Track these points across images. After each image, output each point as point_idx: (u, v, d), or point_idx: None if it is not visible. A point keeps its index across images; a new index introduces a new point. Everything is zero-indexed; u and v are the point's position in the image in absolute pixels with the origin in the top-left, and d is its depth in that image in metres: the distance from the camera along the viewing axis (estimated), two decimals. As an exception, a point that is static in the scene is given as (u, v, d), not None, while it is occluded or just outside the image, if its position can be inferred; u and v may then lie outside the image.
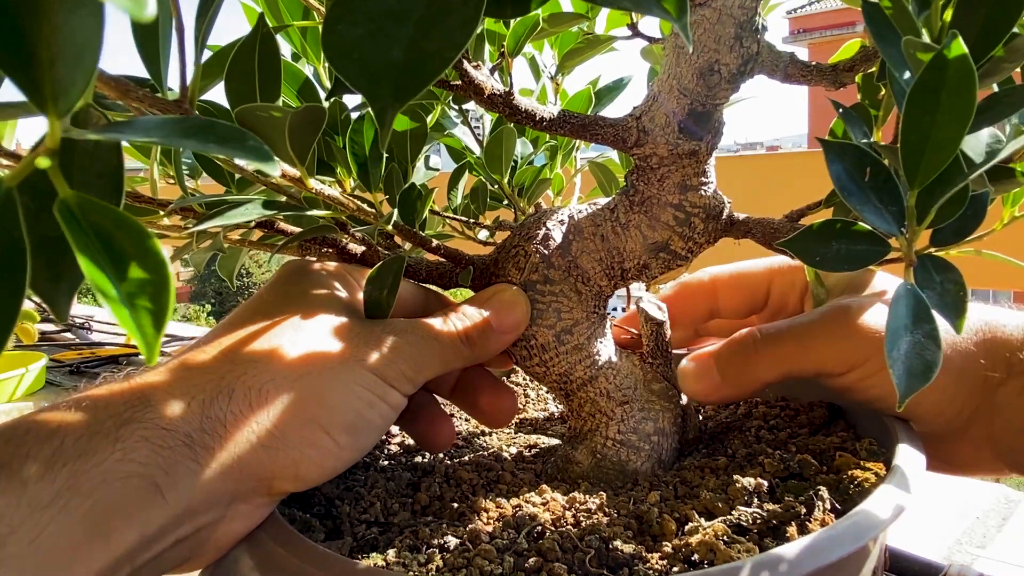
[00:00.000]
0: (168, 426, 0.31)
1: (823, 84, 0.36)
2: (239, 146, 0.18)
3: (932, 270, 0.29)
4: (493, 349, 0.41)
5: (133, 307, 0.16)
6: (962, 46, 0.23)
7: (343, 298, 0.39)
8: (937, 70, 0.24)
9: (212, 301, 17.13)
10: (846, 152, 0.29)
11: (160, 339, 0.16)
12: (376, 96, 0.19)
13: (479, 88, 0.35)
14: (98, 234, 0.17)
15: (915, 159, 0.26)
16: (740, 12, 0.34)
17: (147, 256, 0.17)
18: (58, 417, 0.30)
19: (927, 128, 0.25)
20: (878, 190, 0.28)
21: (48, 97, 0.16)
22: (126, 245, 0.17)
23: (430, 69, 0.18)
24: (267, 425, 0.32)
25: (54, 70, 0.16)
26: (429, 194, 0.41)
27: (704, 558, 0.31)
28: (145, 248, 0.17)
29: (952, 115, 0.24)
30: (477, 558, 0.32)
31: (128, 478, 0.29)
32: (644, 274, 0.42)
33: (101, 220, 0.17)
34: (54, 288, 0.19)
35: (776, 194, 1.22)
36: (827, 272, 0.45)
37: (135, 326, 0.16)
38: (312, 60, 0.43)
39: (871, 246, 0.30)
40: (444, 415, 0.45)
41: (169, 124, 0.19)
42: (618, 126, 0.38)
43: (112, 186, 0.21)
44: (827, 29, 19.44)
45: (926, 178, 0.26)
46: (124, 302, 0.16)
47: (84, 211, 0.17)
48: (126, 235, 0.17)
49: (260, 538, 0.34)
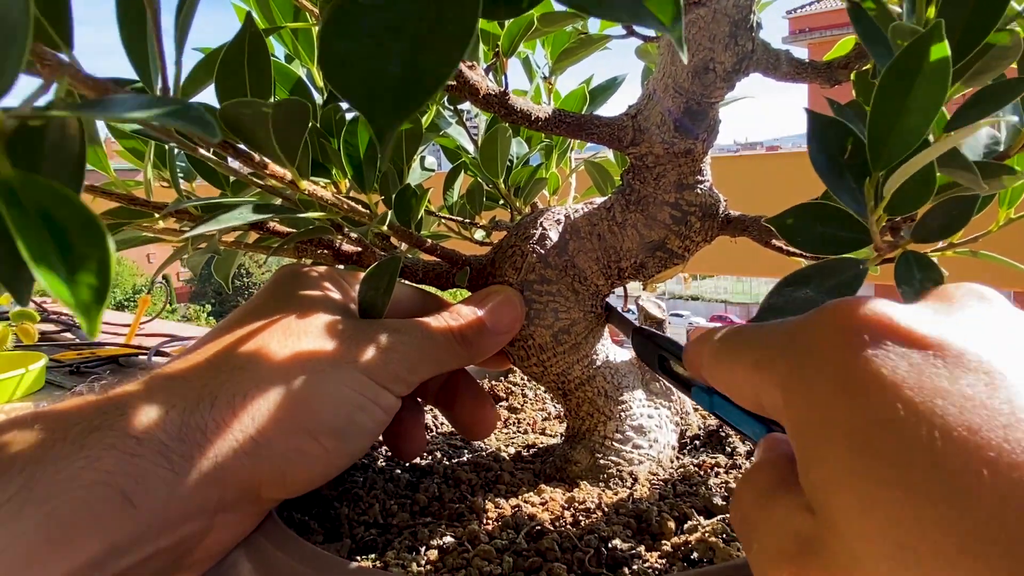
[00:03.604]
0: (140, 434, 0.30)
1: (818, 82, 0.36)
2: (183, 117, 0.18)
3: (914, 267, 0.28)
4: (488, 349, 0.40)
5: (74, 283, 0.16)
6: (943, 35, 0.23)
7: (336, 300, 0.39)
8: (915, 57, 0.24)
9: (212, 301, 17.15)
10: (829, 128, 0.29)
11: (101, 311, 0.16)
12: (375, 114, 0.19)
13: (474, 88, 0.35)
14: (40, 212, 0.17)
15: (882, 141, 0.26)
16: (735, 10, 0.34)
17: (89, 231, 0.17)
18: (21, 424, 0.29)
19: (895, 115, 0.25)
20: (854, 170, 0.28)
21: None
22: (68, 222, 0.17)
23: (427, 85, 0.18)
24: (251, 432, 0.32)
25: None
26: (424, 195, 0.41)
27: (703, 556, 0.31)
28: (87, 220, 0.17)
29: (923, 102, 0.24)
30: (476, 558, 0.32)
31: (92, 486, 0.28)
32: (641, 273, 0.42)
33: (43, 197, 0.17)
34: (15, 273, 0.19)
35: (776, 194, 1.22)
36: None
37: (73, 299, 0.16)
38: (305, 61, 0.43)
39: (854, 233, 0.29)
40: (419, 422, 0.44)
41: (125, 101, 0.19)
42: (614, 125, 0.38)
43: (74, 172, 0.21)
44: (827, 29, 19.43)
45: (888, 162, 0.26)
46: (64, 280, 0.16)
47: (26, 189, 0.17)
48: (68, 211, 0.17)
49: (258, 541, 0.34)
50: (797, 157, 1.41)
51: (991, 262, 0.39)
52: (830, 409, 0.20)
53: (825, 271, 0.29)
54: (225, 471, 0.31)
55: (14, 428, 0.29)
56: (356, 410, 0.34)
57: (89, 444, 0.29)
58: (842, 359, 0.21)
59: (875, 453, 0.19)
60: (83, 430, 0.29)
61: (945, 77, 0.24)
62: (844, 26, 0.32)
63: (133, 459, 0.29)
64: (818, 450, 0.20)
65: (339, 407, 0.34)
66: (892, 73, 0.24)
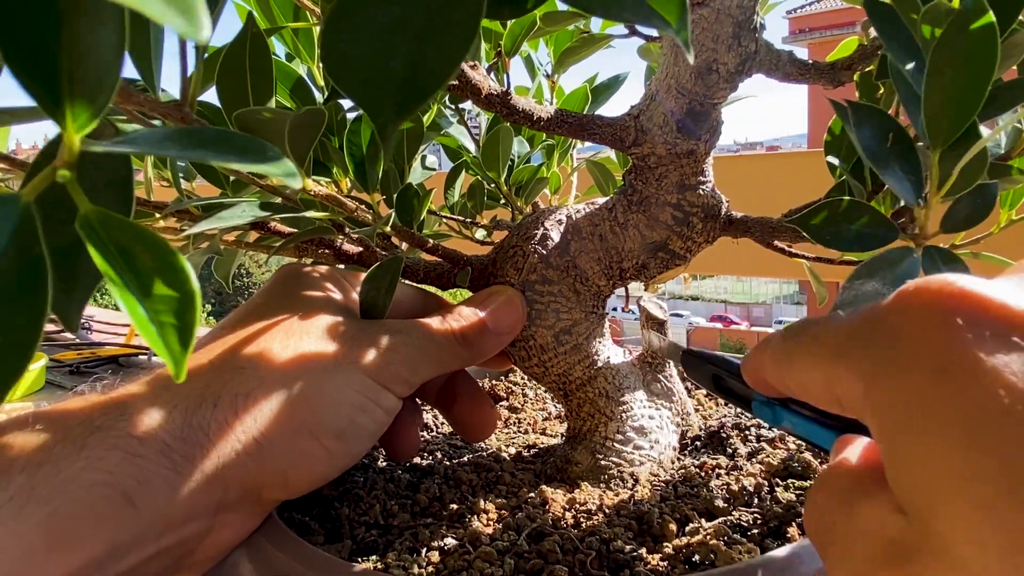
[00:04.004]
0: (142, 434, 0.30)
1: (821, 83, 0.36)
2: (260, 159, 0.18)
3: (938, 261, 0.28)
4: (490, 350, 0.40)
5: (159, 324, 0.16)
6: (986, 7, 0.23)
7: (337, 300, 0.38)
8: (958, 30, 0.23)
9: (212, 301, 17.13)
10: (872, 115, 0.29)
11: (188, 355, 0.16)
12: (377, 111, 0.19)
13: (476, 88, 0.35)
14: (120, 250, 0.16)
15: (938, 118, 0.25)
16: (738, 11, 0.34)
17: (170, 271, 0.16)
18: (22, 424, 0.29)
19: (949, 88, 0.24)
20: (900, 157, 0.28)
21: (67, 109, 0.16)
22: (148, 261, 0.16)
23: (430, 82, 0.18)
24: (253, 433, 0.31)
25: (73, 82, 0.16)
26: (427, 195, 0.41)
27: (705, 559, 0.31)
28: (168, 263, 0.16)
29: (974, 73, 0.24)
30: (478, 560, 0.32)
31: (93, 486, 0.28)
32: (643, 274, 0.42)
33: (122, 236, 0.16)
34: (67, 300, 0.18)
35: (776, 194, 1.22)
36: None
37: (162, 343, 0.16)
38: (305, 60, 0.43)
39: (884, 230, 0.29)
40: (415, 423, 0.43)
41: (184, 136, 0.19)
42: (616, 125, 0.38)
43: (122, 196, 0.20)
44: (827, 29, 19.44)
45: (950, 137, 0.25)
46: (150, 319, 0.16)
47: (106, 227, 0.16)
48: (148, 250, 0.16)
49: (259, 542, 0.33)
50: (797, 157, 1.41)
51: (993, 263, 0.38)
52: (926, 400, 0.18)
53: (887, 263, 0.28)
54: (227, 472, 0.31)
55: (15, 428, 0.29)
56: (358, 411, 0.34)
57: (91, 444, 0.29)
58: (936, 345, 0.18)
59: (986, 450, 0.17)
60: (85, 430, 0.29)
61: (994, 48, 0.23)
62: (844, 26, 0.32)
63: (135, 459, 0.29)
64: (914, 447, 0.18)
65: (341, 408, 0.34)
66: (943, 48, 0.24)
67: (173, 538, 0.30)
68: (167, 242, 0.17)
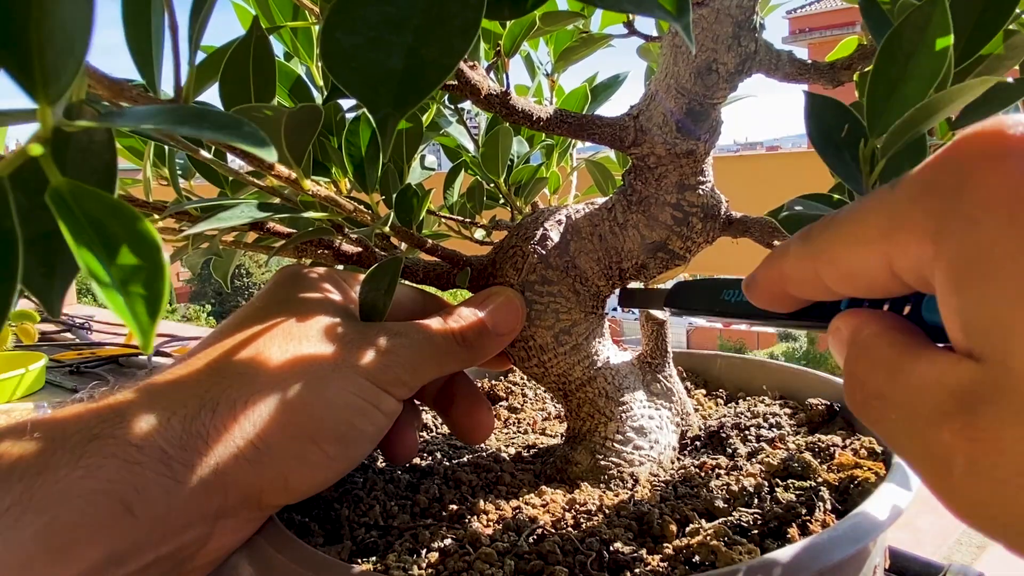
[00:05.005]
0: (141, 442, 0.29)
1: (821, 82, 0.36)
2: (235, 132, 0.18)
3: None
4: (489, 351, 0.40)
5: (127, 294, 0.16)
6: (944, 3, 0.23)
7: (336, 302, 0.38)
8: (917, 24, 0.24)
9: (212, 301, 17.13)
10: (828, 107, 0.29)
11: (155, 326, 0.16)
12: (377, 105, 0.18)
13: (475, 88, 0.35)
14: (91, 221, 0.16)
15: (878, 108, 0.26)
16: (738, 11, 0.33)
17: (140, 241, 0.16)
18: (20, 432, 0.29)
19: (894, 81, 0.25)
20: (851, 147, 0.28)
21: (39, 82, 0.16)
22: (119, 230, 0.16)
23: (430, 77, 0.18)
24: (252, 438, 0.31)
25: (44, 55, 0.16)
26: (427, 195, 0.41)
27: (705, 560, 0.31)
28: (137, 233, 0.16)
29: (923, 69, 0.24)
30: (478, 561, 0.32)
31: (92, 495, 0.28)
32: (642, 274, 0.42)
33: (93, 206, 0.16)
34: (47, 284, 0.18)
35: (776, 194, 1.21)
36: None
37: (129, 313, 0.16)
38: (304, 59, 0.43)
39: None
40: (413, 426, 0.43)
41: (163, 112, 0.19)
42: (616, 125, 0.38)
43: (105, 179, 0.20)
44: (827, 29, 19.45)
45: (885, 128, 0.26)
46: (117, 288, 0.16)
47: (76, 198, 0.16)
48: (119, 221, 0.16)
49: (259, 544, 0.33)
50: (797, 157, 1.41)
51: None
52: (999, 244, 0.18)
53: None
54: (227, 478, 0.31)
55: (13, 436, 0.29)
56: (358, 415, 0.34)
57: (89, 452, 0.29)
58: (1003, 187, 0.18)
59: None
60: (83, 438, 0.29)
61: (946, 44, 0.23)
62: (844, 26, 0.32)
63: (134, 467, 0.29)
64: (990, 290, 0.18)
65: (341, 412, 0.34)
66: (894, 39, 0.24)
67: (172, 545, 0.30)
68: (137, 212, 0.17)
